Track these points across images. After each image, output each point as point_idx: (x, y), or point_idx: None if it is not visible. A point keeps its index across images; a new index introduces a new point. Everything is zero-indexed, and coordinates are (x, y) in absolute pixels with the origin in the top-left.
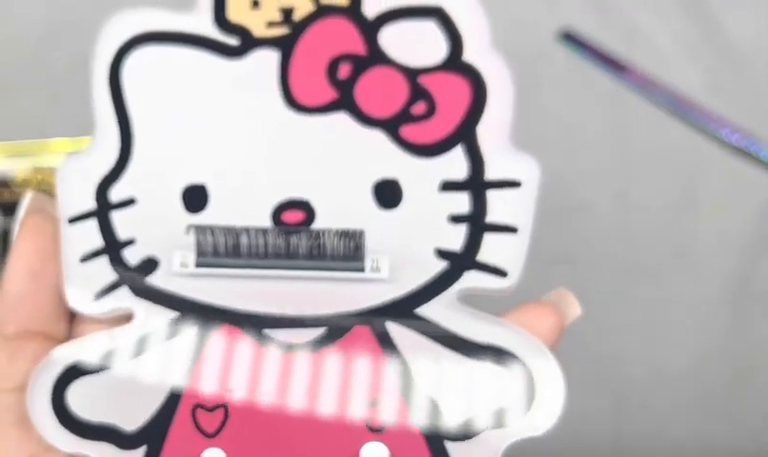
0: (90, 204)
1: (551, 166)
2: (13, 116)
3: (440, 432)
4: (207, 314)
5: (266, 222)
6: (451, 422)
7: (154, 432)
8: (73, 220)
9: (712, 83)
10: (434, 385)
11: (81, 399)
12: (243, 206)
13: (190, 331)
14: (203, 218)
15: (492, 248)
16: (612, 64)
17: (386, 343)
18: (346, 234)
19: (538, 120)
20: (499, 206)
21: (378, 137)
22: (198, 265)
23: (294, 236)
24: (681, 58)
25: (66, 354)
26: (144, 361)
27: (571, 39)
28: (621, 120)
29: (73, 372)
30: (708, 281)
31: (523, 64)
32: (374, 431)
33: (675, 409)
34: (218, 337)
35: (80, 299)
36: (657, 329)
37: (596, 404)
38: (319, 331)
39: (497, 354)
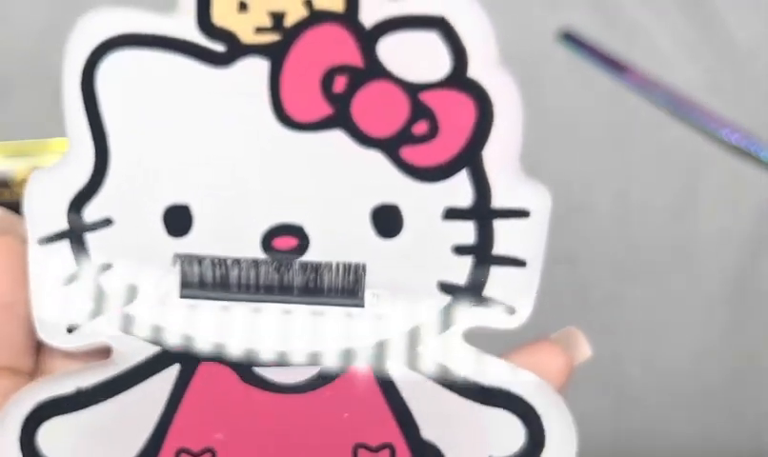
0: (62, 224)
1: (551, 166)
2: (13, 116)
3: None
4: (191, 350)
5: (256, 247)
6: None
7: None
8: (43, 242)
9: (712, 83)
10: (436, 429)
11: (53, 441)
12: (231, 229)
13: (172, 368)
14: (187, 242)
15: (499, 283)
16: (612, 64)
17: (386, 384)
18: (346, 268)
19: (538, 120)
20: (507, 237)
21: (377, 158)
22: (183, 296)
23: (290, 269)
24: (681, 58)
25: (37, 391)
26: (122, 400)
27: (571, 39)
28: (621, 120)
29: (45, 412)
30: (707, 280)
31: (523, 64)
32: None
33: (674, 408)
34: (204, 375)
35: (52, 331)
36: (657, 329)
37: (595, 402)
38: (314, 371)
39: (505, 398)
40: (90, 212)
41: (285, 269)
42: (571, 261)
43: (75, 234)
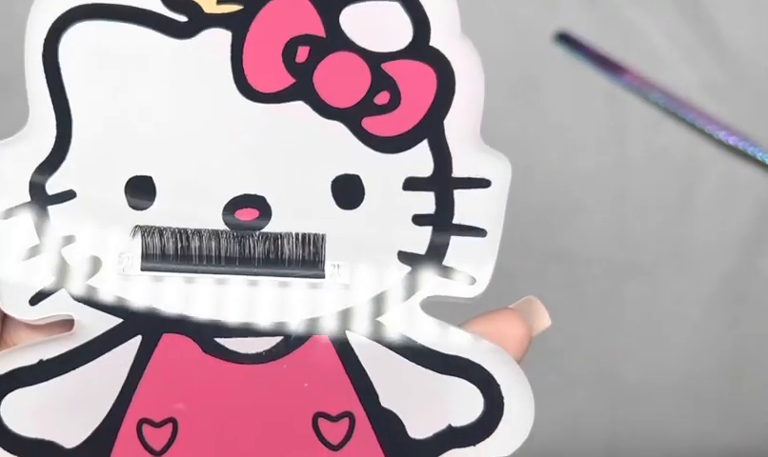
0: (25, 196)
1: (548, 166)
2: (13, 116)
3: (402, 450)
4: (153, 321)
5: (218, 218)
6: (413, 439)
7: (97, 449)
8: (5, 214)
9: (707, 83)
10: (395, 399)
11: (16, 412)
12: (193, 201)
13: (134, 340)
14: (149, 214)
15: (459, 252)
16: (608, 65)
17: (346, 353)
18: (305, 239)
19: (534, 121)
20: (467, 206)
21: (338, 129)
22: (144, 268)
23: (250, 240)
24: (677, 59)
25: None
26: (85, 371)
27: (567, 40)
28: (618, 121)
29: (7, 383)
30: (704, 280)
31: (520, 65)
32: (333, 448)
33: (670, 408)
34: (166, 346)
35: (14, 303)
36: (653, 329)
37: (591, 402)
38: (275, 340)
39: (464, 367)
40: (53, 184)
41: (246, 240)
42: (567, 260)
43: (37, 206)
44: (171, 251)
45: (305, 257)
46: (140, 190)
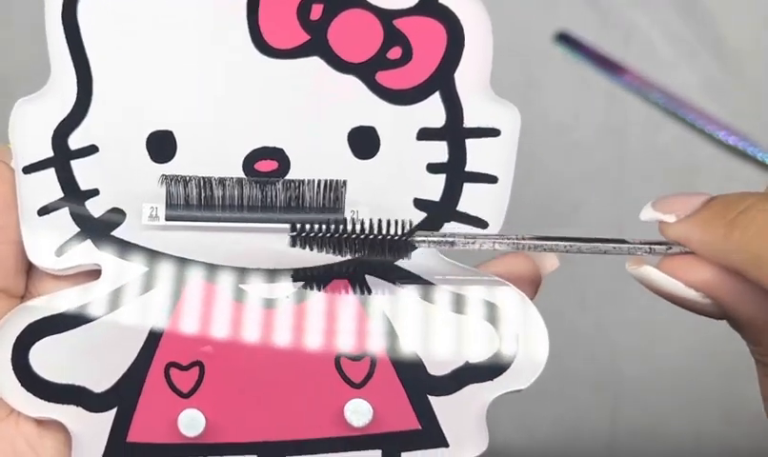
0: (48, 151)
1: (548, 165)
2: None
3: (422, 387)
4: (178, 268)
5: (238, 170)
6: (433, 376)
7: (126, 393)
8: (29, 169)
9: (707, 83)
10: (415, 338)
11: (45, 360)
12: (213, 154)
13: (160, 287)
14: (170, 167)
15: (472, 199)
16: (608, 65)
17: (365, 296)
18: (327, 185)
19: (535, 120)
20: (479, 155)
21: (353, 83)
22: (169, 217)
23: (271, 187)
24: (678, 59)
25: (29, 312)
26: (112, 319)
27: (567, 40)
28: (618, 121)
29: (36, 332)
30: None
31: (520, 65)
32: (355, 386)
33: (670, 407)
34: (191, 292)
35: (41, 254)
36: (654, 328)
37: (591, 402)
38: (297, 285)
39: (480, 306)
40: (75, 140)
41: (268, 188)
42: (568, 259)
43: (61, 161)
44: (194, 200)
45: (325, 203)
46: (161, 145)
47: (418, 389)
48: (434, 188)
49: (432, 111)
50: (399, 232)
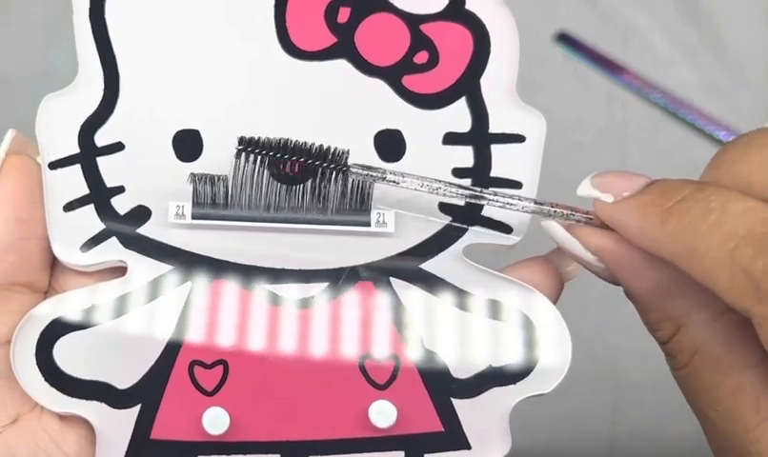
0: (74, 148)
1: (548, 166)
2: (13, 116)
3: (446, 390)
4: (204, 267)
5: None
6: (456, 379)
7: (150, 390)
8: (56, 165)
9: (707, 83)
10: (439, 341)
11: (69, 355)
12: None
13: (185, 285)
14: (196, 166)
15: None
16: (608, 65)
17: (390, 298)
18: (353, 186)
19: None
20: (504, 160)
21: (380, 86)
22: (195, 216)
23: (298, 187)
24: (678, 59)
25: (52, 308)
26: (137, 315)
27: (567, 40)
28: (618, 121)
29: (60, 327)
30: None
31: (520, 65)
32: (379, 388)
33: (672, 407)
34: (215, 291)
35: (67, 249)
36: None
37: (591, 402)
38: (321, 286)
39: (503, 310)
40: (102, 137)
41: (294, 189)
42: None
43: (87, 158)
44: (221, 199)
45: (351, 204)
46: (187, 143)
47: (442, 392)
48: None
49: (457, 116)
50: (334, 162)
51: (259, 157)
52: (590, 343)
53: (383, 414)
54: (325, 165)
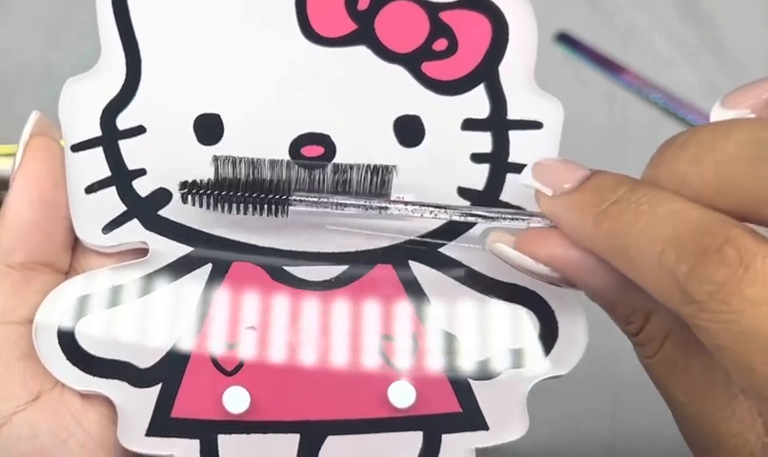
0: (96, 131)
1: None
2: (13, 117)
3: (464, 371)
4: (224, 249)
5: (284, 155)
6: (474, 361)
7: (170, 369)
8: (78, 147)
9: (707, 83)
10: (457, 324)
11: (91, 334)
12: (260, 138)
13: (205, 267)
14: (217, 150)
15: (514, 189)
16: (608, 65)
17: (409, 281)
18: (374, 170)
19: None
20: (522, 146)
21: (399, 72)
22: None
23: (320, 171)
24: (678, 59)
25: (74, 288)
26: (157, 296)
27: (567, 40)
28: (618, 121)
29: (82, 307)
30: None
31: None
32: (399, 370)
33: None
34: (235, 273)
35: (89, 231)
36: None
37: (591, 402)
38: (341, 268)
39: (520, 294)
40: (124, 120)
41: (316, 171)
42: None
43: (109, 141)
44: (243, 181)
45: (372, 188)
46: (208, 127)
47: (459, 373)
48: (477, 177)
49: (476, 103)
50: (276, 194)
51: (204, 197)
52: (589, 343)
53: (402, 394)
54: (263, 197)
